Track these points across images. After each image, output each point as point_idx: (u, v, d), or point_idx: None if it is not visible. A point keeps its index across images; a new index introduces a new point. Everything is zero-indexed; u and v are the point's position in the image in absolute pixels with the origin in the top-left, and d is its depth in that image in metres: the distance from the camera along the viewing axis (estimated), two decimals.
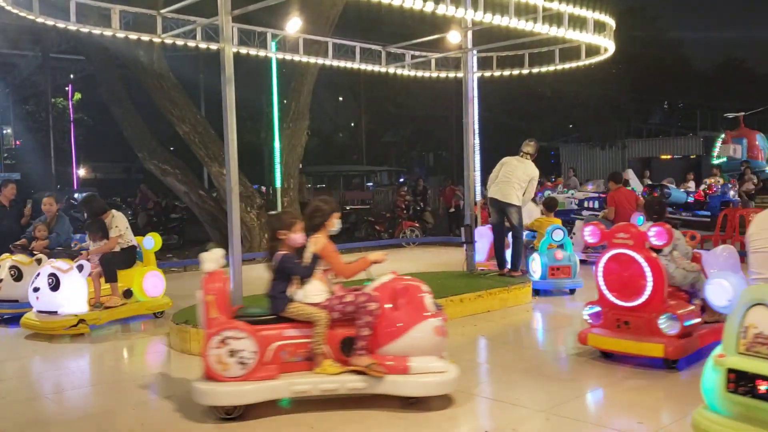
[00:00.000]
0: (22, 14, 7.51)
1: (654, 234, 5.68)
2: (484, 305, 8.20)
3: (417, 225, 16.97)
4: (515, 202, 9.07)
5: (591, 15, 8.33)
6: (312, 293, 4.85)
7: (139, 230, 17.86)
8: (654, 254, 5.69)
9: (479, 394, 5.28)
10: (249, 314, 4.90)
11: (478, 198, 11.03)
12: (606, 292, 5.86)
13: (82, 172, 42.11)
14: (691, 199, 18.23)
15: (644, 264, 5.60)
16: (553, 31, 7.95)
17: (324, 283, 4.93)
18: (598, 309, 5.98)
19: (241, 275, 7.13)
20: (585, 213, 15.65)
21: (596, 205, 17.39)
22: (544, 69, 10.31)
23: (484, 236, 10.23)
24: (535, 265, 9.31)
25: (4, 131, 39.59)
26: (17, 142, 40.07)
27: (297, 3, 11.28)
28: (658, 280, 5.57)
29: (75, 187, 36.78)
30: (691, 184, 20.08)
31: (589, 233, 6.10)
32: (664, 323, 5.54)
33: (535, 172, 9.21)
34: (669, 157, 34.89)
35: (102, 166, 50.49)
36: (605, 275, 5.87)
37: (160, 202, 19.42)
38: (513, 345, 6.76)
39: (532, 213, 10.21)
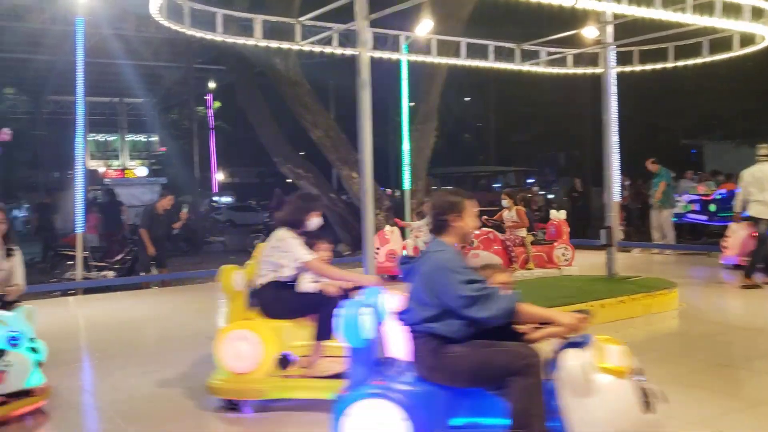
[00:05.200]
0: (174, 28, 7.95)
1: None
2: (626, 311, 7.83)
3: None
4: None
5: (747, 1, 7.73)
6: None
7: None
8: None
9: None
10: None
11: (617, 198, 10.56)
12: None
13: (220, 176, 44.34)
14: None
15: None
16: (704, 21, 7.45)
17: None
18: None
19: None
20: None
21: (698, 208, 16.21)
22: (691, 62, 9.72)
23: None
24: None
25: (151, 139, 42.35)
26: (162, 149, 42.76)
27: (429, 4, 11.29)
28: None
29: (215, 191, 38.82)
30: None
31: None
32: None
33: None
34: None
35: (238, 171, 53.00)
36: None
37: None
38: (658, 353, 6.39)
39: None
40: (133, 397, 5.40)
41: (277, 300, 5.07)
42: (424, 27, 10.38)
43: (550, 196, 24.50)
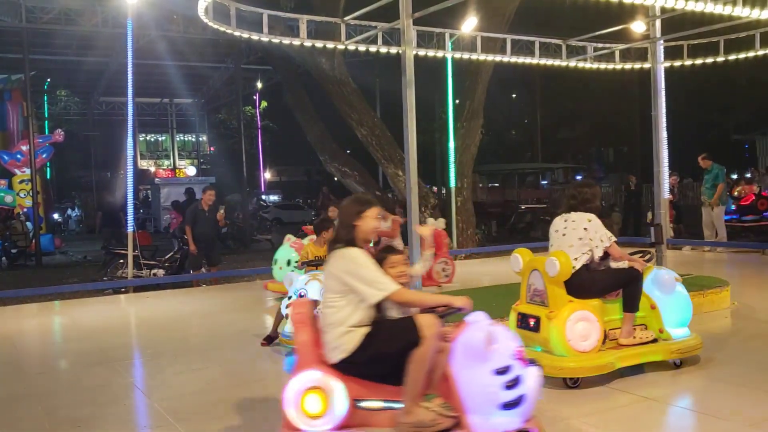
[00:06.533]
0: (222, 29, 8.08)
1: None
2: None
3: None
4: None
5: None
6: None
7: None
8: None
9: (676, 404, 4.99)
10: None
11: (667, 195, 10.34)
12: None
13: (268, 175, 44.87)
14: None
15: None
16: (756, 14, 7.25)
17: None
18: None
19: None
20: None
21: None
22: (742, 56, 9.47)
23: None
24: None
25: (200, 138, 43.08)
26: (211, 149, 43.45)
27: (473, 1, 11.24)
28: None
29: (262, 189, 39.32)
30: None
31: None
32: None
33: None
34: None
35: (286, 170, 53.58)
36: None
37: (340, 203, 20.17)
38: (710, 352, 6.25)
39: None
40: (182, 394, 5.51)
41: (595, 280, 5.43)
42: (469, 24, 10.34)
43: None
